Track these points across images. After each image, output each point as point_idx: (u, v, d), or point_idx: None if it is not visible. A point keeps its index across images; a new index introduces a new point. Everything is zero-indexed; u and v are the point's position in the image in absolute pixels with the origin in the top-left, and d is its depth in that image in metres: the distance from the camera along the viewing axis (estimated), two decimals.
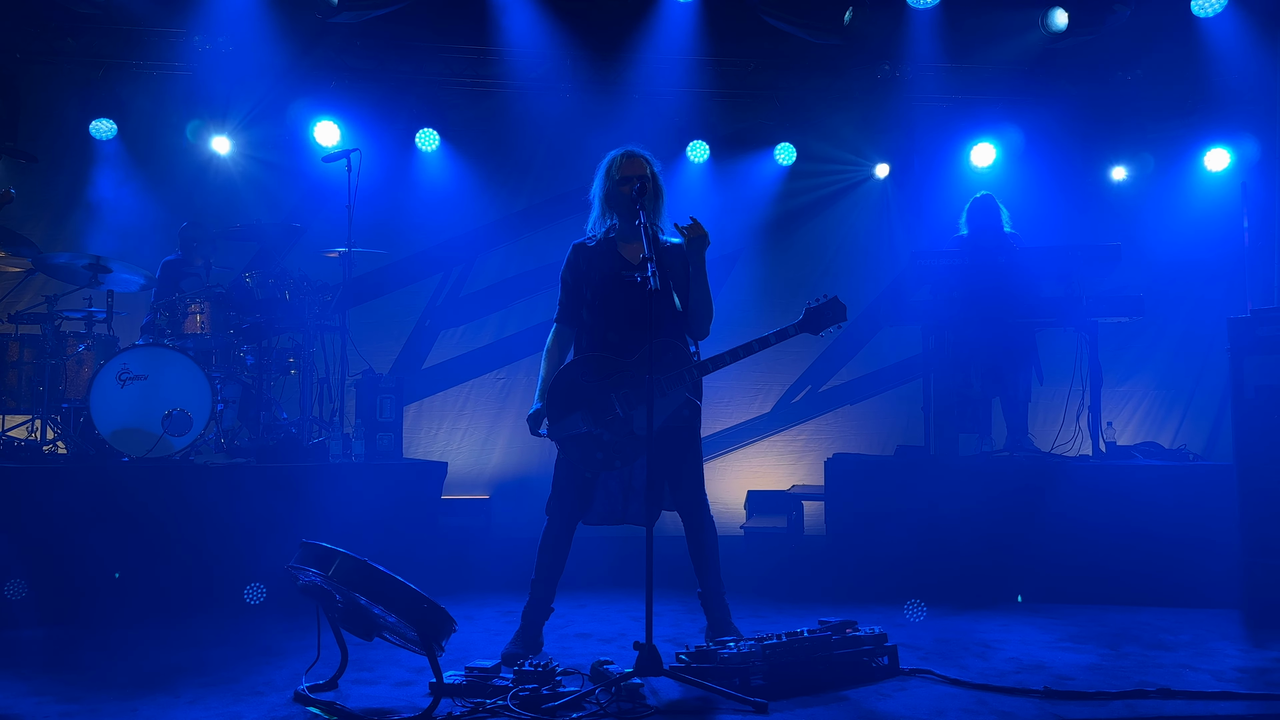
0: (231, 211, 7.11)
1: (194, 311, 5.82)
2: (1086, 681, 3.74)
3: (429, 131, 7.56)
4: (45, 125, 7.20)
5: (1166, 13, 6.94)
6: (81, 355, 5.63)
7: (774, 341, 4.02)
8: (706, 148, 7.75)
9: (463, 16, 7.06)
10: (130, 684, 3.70)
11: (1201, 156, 7.75)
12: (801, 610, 4.99)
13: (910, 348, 7.44)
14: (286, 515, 5.08)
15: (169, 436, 5.29)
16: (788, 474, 7.66)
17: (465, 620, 4.65)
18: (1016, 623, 4.78)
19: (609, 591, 5.38)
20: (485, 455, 7.53)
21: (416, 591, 3.32)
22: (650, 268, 3.60)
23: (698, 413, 4.06)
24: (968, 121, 7.81)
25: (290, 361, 6.22)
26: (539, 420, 4.11)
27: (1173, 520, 5.29)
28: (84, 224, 7.11)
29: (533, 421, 4.13)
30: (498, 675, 3.53)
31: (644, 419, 3.82)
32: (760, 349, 4.01)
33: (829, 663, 3.70)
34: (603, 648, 4.25)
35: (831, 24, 6.87)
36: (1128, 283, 6.78)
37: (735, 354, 4.00)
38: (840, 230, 8.02)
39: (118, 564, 4.90)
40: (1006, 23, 7.13)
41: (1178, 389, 7.78)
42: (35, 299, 6.17)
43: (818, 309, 4.05)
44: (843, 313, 4.05)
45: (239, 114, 7.34)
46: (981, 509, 5.39)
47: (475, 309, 7.75)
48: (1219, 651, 4.23)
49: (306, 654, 3.86)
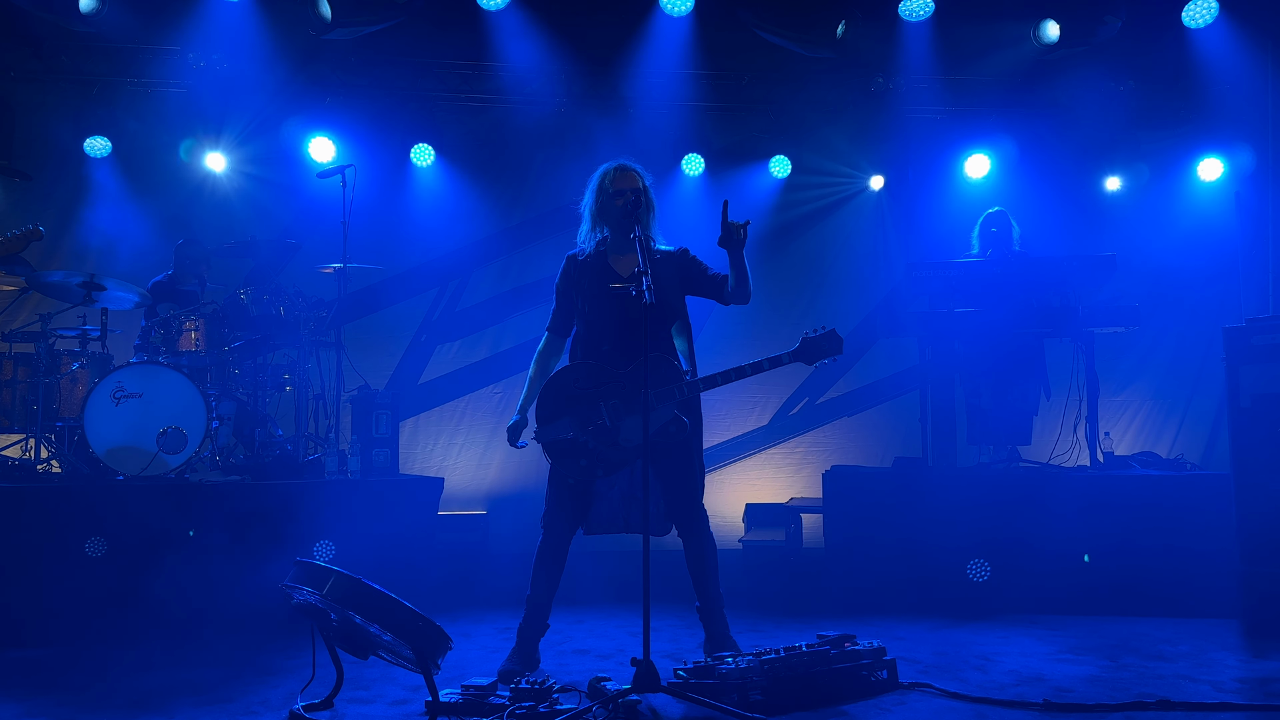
0: (226, 228, 7.10)
1: (189, 328, 5.81)
2: (1086, 694, 3.72)
3: (424, 147, 7.56)
4: (39, 143, 7.18)
5: (1157, 24, 6.97)
6: (76, 373, 5.62)
7: (766, 368, 4.06)
8: (701, 161, 7.76)
9: (457, 32, 7.07)
10: (124, 704, 3.68)
11: (1195, 166, 7.76)
12: (800, 624, 4.97)
13: (907, 359, 7.44)
14: (281, 533, 5.07)
15: (164, 454, 5.28)
16: (786, 487, 7.64)
17: (462, 637, 4.63)
18: (1016, 634, 4.76)
19: (607, 607, 5.36)
20: (482, 471, 7.51)
21: (411, 609, 3.30)
22: (645, 281, 3.60)
23: (686, 429, 4.04)
24: (962, 133, 7.83)
25: (285, 378, 6.21)
26: (517, 432, 4.18)
27: (1171, 530, 5.28)
28: (78, 242, 7.09)
29: (511, 433, 4.18)
30: (494, 693, 3.51)
31: (630, 430, 3.90)
32: (752, 374, 4.04)
33: (827, 677, 3.69)
34: (600, 664, 4.23)
35: (825, 37, 6.90)
36: (1123, 293, 6.80)
37: (727, 376, 4.02)
38: (835, 242, 8.02)
39: (112, 584, 4.87)
40: (999, 35, 7.17)
41: (1174, 398, 7.77)
42: (29, 317, 6.15)
43: (815, 340, 4.06)
44: (839, 345, 4.06)
45: (233, 131, 7.34)
46: (980, 520, 5.39)
47: (471, 323, 7.74)
48: (1218, 662, 4.22)
49: (302, 673, 3.83)
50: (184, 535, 5.01)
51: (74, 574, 4.83)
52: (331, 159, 7.18)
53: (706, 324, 7.02)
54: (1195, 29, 6.88)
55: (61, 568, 4.83)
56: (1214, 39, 6.97)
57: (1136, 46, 7.17)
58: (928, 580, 5.32)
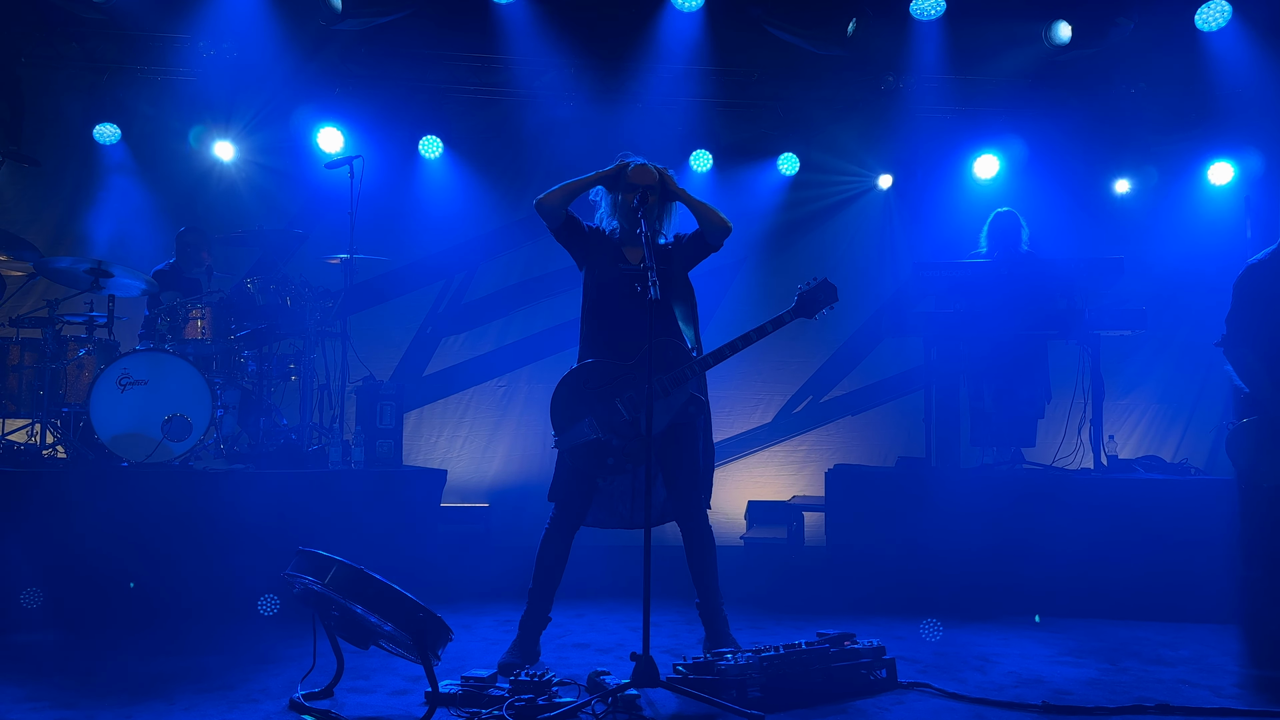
0: (234, 217, 7.11)
1: (195, 317, 5.82)
2: (1085, 696, 3.72)
3: (432, 139, 7.56)
4: (49, 130, 7.21)
5: (1170, 26, 6.94)
6: (82, 360, 5.63)
7: (770, 330, 4.06)
8: (710, 157, 7.76)
9: (467, 25, 7.07)
10: (126, 690, 3.69)
11: (1205, 170, 7.74)
12: (800, 622, 4.97)
13: (912, 359, 7.43)
14: (284, 522, 5.08)
15: (168, 442, 5.29)
16: (788, 484, 7.64)
17: (463, 629, 4.64)
18: (1016, 636, 4.76)
19: (608, 601, 5.36)
20: (485, 463, 7.52)
21: (413, 600, 3.31)
22: (651, 276, 3.59)
23: (703, 408, 4.04)
24: (971, 133, 7.81)
25: (291, 368, 6.22)
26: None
27: (1174, 534, 5.27)
28: (86, 229, 7.11)
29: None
30: (494, 685, 3.51)
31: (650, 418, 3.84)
32: (758, 339, 4.05)
33: (826, 675, 3.69)
34: (600, 658, 4.23)
35: (835, 35, 6.89)
36: (1130, 295, 6.78)
37: (734, 346, 4.03)
38: (843, 241, 8.01)
39: (115, 569, 4.88)
40: (1010, 35, 7.14)
41: (1180, 402, 7.75)
42: (37, 303, 6.16)
43: (809, 291, 4.09)
44: (833, 293, 4.09)
45: (242, 120, 7.35)
46: (982, 521, 5.37)
47: (477, 316, 7.74)
48: (1219, 667, 4.22)
49: (303, 662, 3.85)
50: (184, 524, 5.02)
51: (77, 560, 4.85)
52: (340, 149, 7.18)
53: (713, 317, 7.03)
54: (1208, 32, 6.84)
55: (64, 553, 4.85)
56: (1226, 42, 6.94)
57: (1148, 49, 7.14)
58: (929, 580, 5.31)
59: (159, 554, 4.97)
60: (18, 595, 4.73)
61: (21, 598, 4.72)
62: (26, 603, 4.72)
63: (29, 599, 4.73)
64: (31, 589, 4.75)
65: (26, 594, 4.73)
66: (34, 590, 4.75)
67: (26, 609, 4.71)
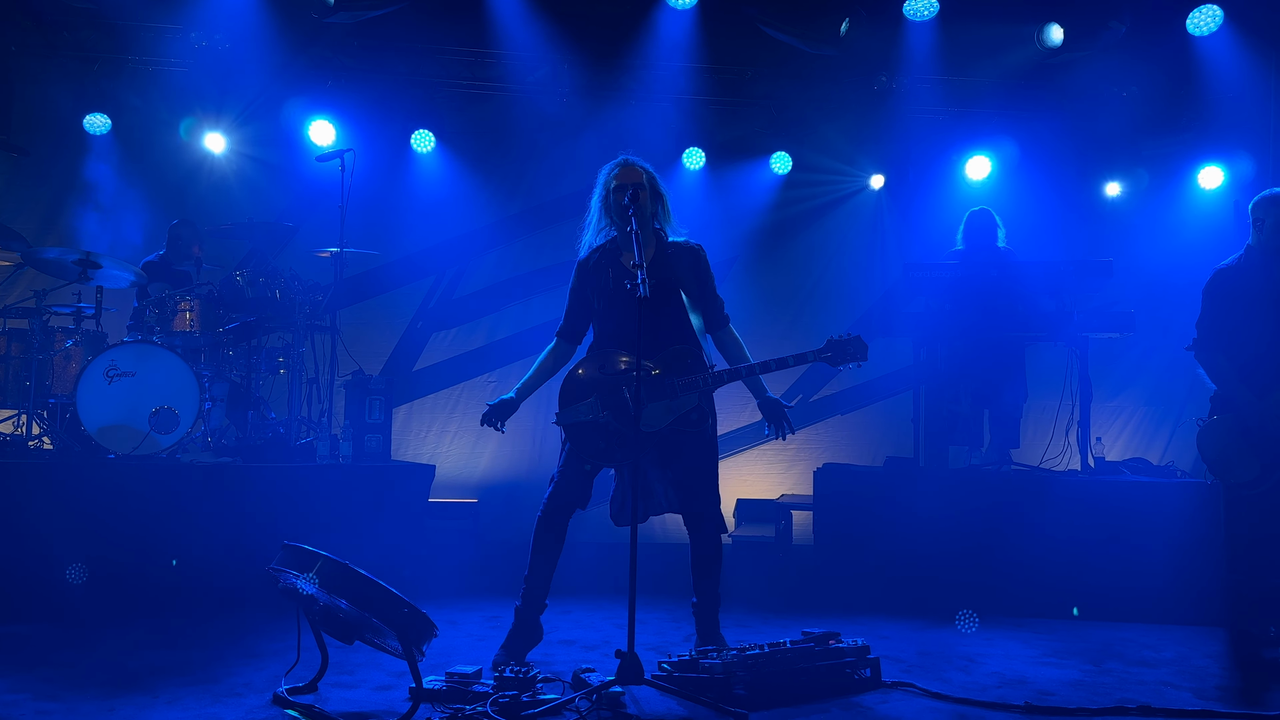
0: (224, 209, 7.08)
1: (183, 309, 5.80)
2: (1068, 697, 3.73)
3: (424, 133, 7.54)
4: (38, 119, 7.17)
5: (1161, 30, 6.96)
6: (69, 351, 5.61)
7: (791, 364, 4.03)
8: (702, 155, 7.75)
9: (460, 19, 7.05)
10: (109, 683, 3.68)
11: (1195, 174, 7.76)
12: (787, 620, 4.98)
13: (901, 359, 7.42)
14: (271, 516, 5.07)
15: (155, 434, 5.27)
16: (777, 483, 7.64)
17: (448, 625, 4.64)
18: (1000, 637, 4.78)
19: (595, 598, 5.36)
20: (474, 459, 7.51)
21: (397, 596, 3.30)
22: (640, 275, 3.59)
23: (705, 418, 4.04)
24: (963, 134, 7.82)
25: (280, 361, 6.20)
26: (504, 411, 4.12)
27: (1159, 537, 5.28)
28: (75, 219, 7.07)
29: (495, 411, 4.11)
30: (478, 681, 3.52)
31: (651, 416, 3.89)
32: (777, 369, 4.03)
33: (811, 674, 3.69)
34: (586, 655, 4.24)
35: (828, 35, 6.89)
36: (1119, 298, 6.79)
37: (751, 369, 4.02)
38: (834, 240, 8.02)
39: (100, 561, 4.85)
40: (1003, 37, 7.16)
41: (1167, 406, 7.77)
42: (24, 293, 6.14)
43: (841, 342, 4.03)
44: (864, 351, 4.04)
45: (233, 112, 7.32)
46: (969, 522, 5.39)
47: (468, 312, 7.73)
48: (1201, 669, 4.23)
49: (287, 656, 3.84)
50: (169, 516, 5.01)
51: (61, 551, 4.82)
52: (331, 142, 7.16)
53: None
54: (1199, 36, 6.87)
55: (49, 544, 4.82)
56: (1218, 47, 6.97)
57: (1140, 52, 7.15)
58: (915, 580, 5.33)
59: (144, 547, 4.95)
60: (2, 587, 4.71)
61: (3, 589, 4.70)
62: (8, 594, 4.70)
63: (11, 590, 4.71)
64: (14, 581, 4.72)
65: (8, 585, 4.71)
66: (16, 582, 4.73)
67: (8, 600, 4.69)
